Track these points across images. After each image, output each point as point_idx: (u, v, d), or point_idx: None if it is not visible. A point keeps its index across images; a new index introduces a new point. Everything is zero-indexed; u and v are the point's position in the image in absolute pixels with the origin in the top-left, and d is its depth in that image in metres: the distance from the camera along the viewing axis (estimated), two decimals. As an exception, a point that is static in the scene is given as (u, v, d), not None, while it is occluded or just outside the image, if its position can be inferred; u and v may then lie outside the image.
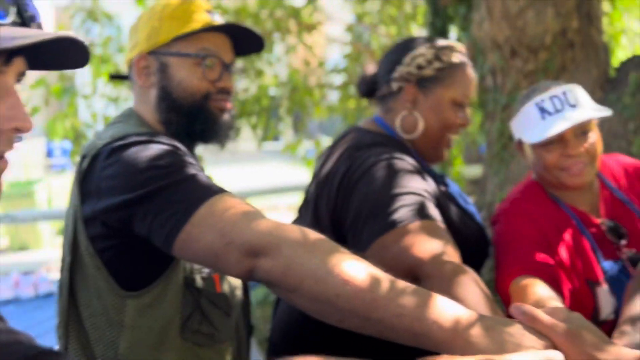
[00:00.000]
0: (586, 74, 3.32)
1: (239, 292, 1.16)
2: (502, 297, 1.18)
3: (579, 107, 1.24)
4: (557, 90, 1.26)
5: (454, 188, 1.35)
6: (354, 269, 0.79)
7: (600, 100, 3.33)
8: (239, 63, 5.23)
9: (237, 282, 1.16)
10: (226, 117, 1.17)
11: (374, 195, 1.08)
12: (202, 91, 1.13)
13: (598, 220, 1.31)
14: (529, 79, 3.38)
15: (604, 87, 3.33)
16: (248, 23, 4.78)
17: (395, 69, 1.27)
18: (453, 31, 4.32)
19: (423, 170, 1.22)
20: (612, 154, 1.50)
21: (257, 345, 3.18)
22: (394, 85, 1.27)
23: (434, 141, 1.29)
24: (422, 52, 1.25)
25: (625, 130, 3.14)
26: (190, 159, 1.01)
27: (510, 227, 1.27)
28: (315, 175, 1.31)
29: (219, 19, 1.15)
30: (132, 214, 0.94)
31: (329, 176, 1.21)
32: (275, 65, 5.39)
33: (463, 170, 5.20)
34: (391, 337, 0.78)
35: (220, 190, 0.94)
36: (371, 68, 1.38)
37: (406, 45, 1.30)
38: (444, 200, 1.21)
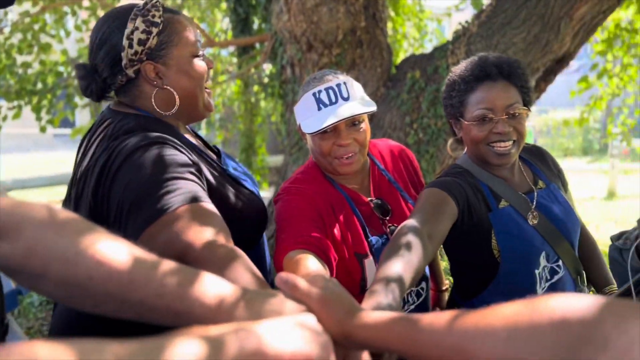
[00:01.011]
0: (372, 71, 3.65)
1: (-17, 287, 1.00)
2: (277, 269, 1.22)
3: (351, 99, 1.34)
4: (333, 82, 1.34)
5: (231, 163, 1.35)
6: (110, 248, 0.72)
7: (384, 96, 3.69)
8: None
9: (-20, 275, 1.00)
10: None
11: (136, 185, 1.01)
12: None
13: (367, 199, 1.44)
14: (324, 72, 3.58)
15: (387, 84, 3.69)
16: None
17: (119, 57, 1.16)
18: (256, 20, 4.38)
19: (193, 149, 1.18)
20: (382, 139, 1.66)
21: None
22: (130, 72, 1.17)
23: (195, 99, 1.23)
24: (134, 26, 1.15)
25: (403, 123, 3.53)
26: None
27: (289, 205, 1.33)
28: (76, 169, 1.18)
29: None
30: None
31: (88, 170, 1.10)
32: (65, 41, 4.86)
33: (267, 160, 5.32)
34: (151, 318, 0.74)
35: None
36: (81, 71, 1.23)
37: (112, 30, 1.17)
38: (219, 178, 1.19)
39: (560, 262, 1.38)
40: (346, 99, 1.33)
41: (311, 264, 1.12)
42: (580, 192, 8.33)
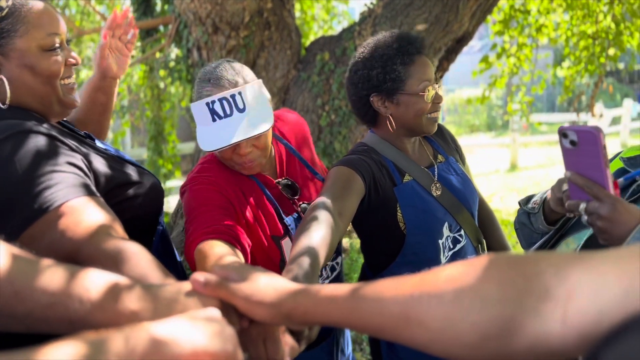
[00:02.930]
0: (282, 53, 3.61)
1: None
2: (189, 263, 1.18)
3: (247, 110, 1.26)
4: (227, 92, 1.24)
5: (108, 146, 1.26)
6: None
7: (295, 79, 3.68)
8: None
9: None
10: None
11: (6, 183, 0.90)
12: None
13: (275, 181, 1.42)
14: (232, 54, 3.50)
15: (298, 67, 3.67)
16: None
17: None
18: (159, 2, 4.19)
19: (69, 134, 1.08)
20: (282, 109, 1.62)
21: None
22: None
23: (45, 97, 1.10)
24: None
25: (315, 105, 3.54)
26: None
27: (196, 195, 1.28)
28: None
29: None
30: None
31: None
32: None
33: (179, 147, 5.16)
34: (43, 329, 0.67)
35: None
36: None
37: None
38: (105, 159, 1.11)
39: (462, 232, 1.45)
40: (242, 110, 1.26)
41: (224, 253, 1.08)
42: (486, 166, 8.82)
